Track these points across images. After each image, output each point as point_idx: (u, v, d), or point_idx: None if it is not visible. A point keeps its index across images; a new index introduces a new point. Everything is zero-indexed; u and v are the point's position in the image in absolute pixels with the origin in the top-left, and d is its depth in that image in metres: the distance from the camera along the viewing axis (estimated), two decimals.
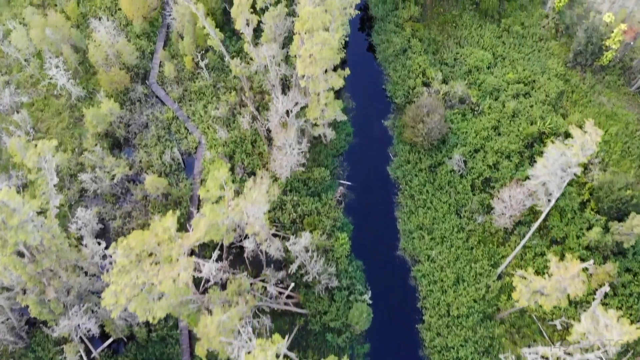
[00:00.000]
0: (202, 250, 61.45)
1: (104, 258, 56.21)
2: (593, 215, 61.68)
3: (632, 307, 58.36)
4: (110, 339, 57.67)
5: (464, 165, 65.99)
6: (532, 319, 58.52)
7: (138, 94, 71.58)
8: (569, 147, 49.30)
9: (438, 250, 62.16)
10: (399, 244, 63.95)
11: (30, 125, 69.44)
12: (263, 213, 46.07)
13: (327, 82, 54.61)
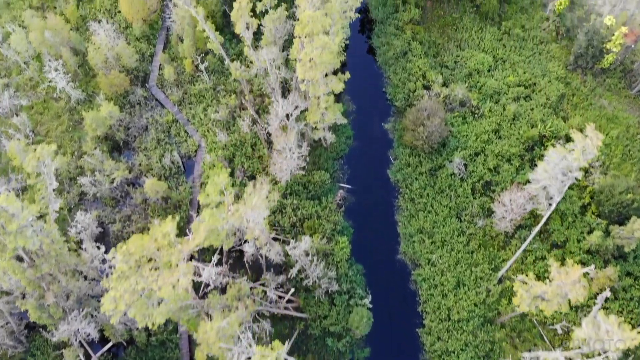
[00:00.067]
0: (201, 254, 61.30)
1: (104, 262, 56.10)
2: (594, 219, 61.52)
3: (632, 311, 58.20)
4: (110, 343, 57.52)
5: (465, 169, 65.84)
6: (532, 323, 58.37)
7: (138, 97, 71.43)
8: (570, 151, 49.17)
9: (438, 254, 61.99)
10: (399, 248, 63.79)
11: (30, 129, 69.30)
12: (263, 218, 45.88)
13: (327, 86, 54.49)
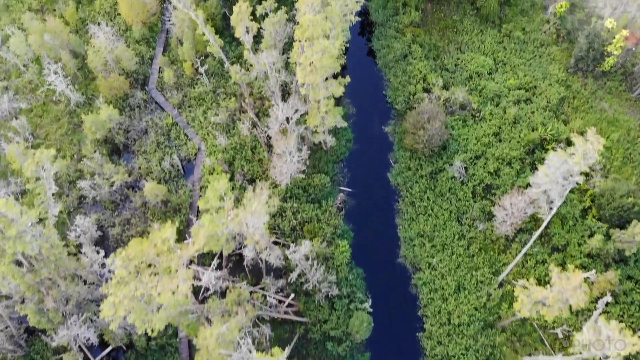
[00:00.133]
0: (201, 258, 61.12)
1: (103, 267, 55.93)
2: (594, 223, 61.38)
3: (633, 315, 58.09)
4: (109, 348, 57.40)
5: (465, 172, 65.68)
6: (533, 327, 58.23)
7: (137, 100, 71.24)
8: (571, 155, 49.03)
9: (439, 258, 61.85)
10: (400, 251, 63.63)
11: (29, 132, 69.11)
12: (263, 223, 45.72)
13: (327, 89, 54.30)
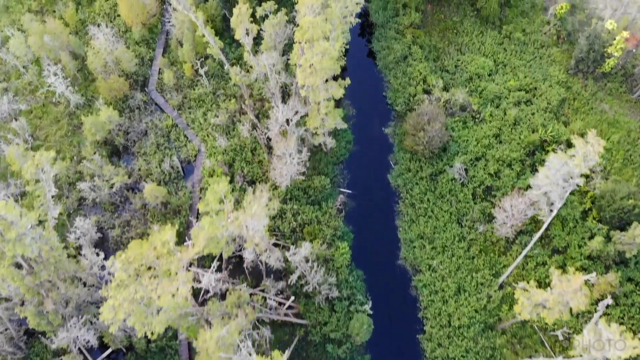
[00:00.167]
0: (201, 260, 61.01)
1: (103, 269, 55.87)
2: (595, 225, 61.32)
3: (634, 317, 58.02)
4: (109, 350, 57.35)
5: (465, 174, 65.60)
6: (533, 329, 58.16)
7: (137, 102, 71.16)
8: (571, 157, 48.98)
9: (439, 260, 61.77)
10: (400, 253, 63.55)
11: (29, 133, 69.03)
12: (263, 226, 45.64)
13: (327, 91, 54.22)
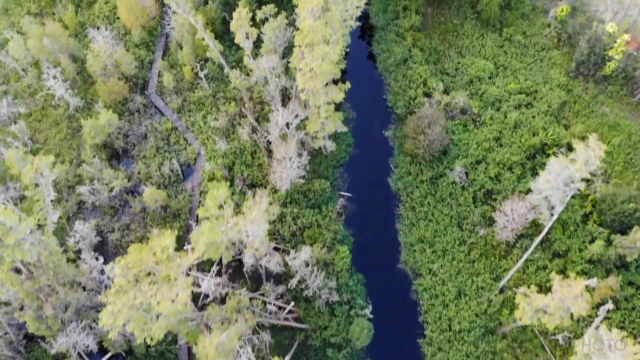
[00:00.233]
0: (200, 264, 60.85)
1: (102, 273, 55.72)
2: (596, 228, 61.14)
3: (634, 321, 57.83)
4: (109, 354, 57.21)
5: (466, 177, 65.42)
6: (534, 334, 58.00)
7: (137, 105, 70.97)
8: (572, 161, 48.77)
9: (439, 264, 61.61)
10: (400, 257, 63.40)
11: (28, 136, 68.86)
12: (263, 231, 45.47)
13: (327, 95, 54.08)
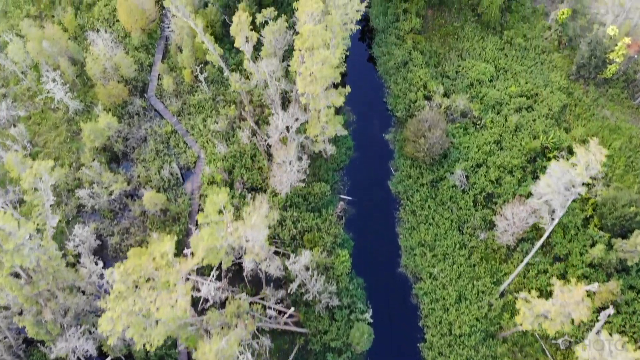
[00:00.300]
0: (200, 268, 60.60)
1: (102, 277, 55.57)
2: (596, 232, 60.98)
3: (635, 325, 57.66)
4: (108, 359, 56.93)
5: (466, 181, 65.26)
6: (535, 338, 57.85)
7: (136, 108, 70.80)
8: (573, 166, 48.64)
9: (440, 268, 61.45)
10: (401, 261, 63.22)
11: (27, 140, 68.71)
12: (263, 237, 45.30)
13: (327, 99, 53.90)
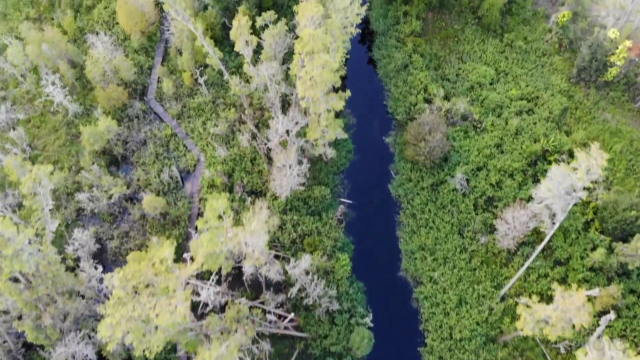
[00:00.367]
0: (200, 272, 60.45)
1: (101, 282, 55.39)
2: (597, 236, 60.83)
3: (636, 329, 57.51)
4: None
5: (467, 184, 65.10)
6: (535, 342, 57.69)
7: (136, 111, 70.61)
8: (574, 170, 48.47)
9: (440, 272, 61.28)
10: (401, 265, 63.06)
11: (27, 143, 68.53)
12: (263, 243, 45.14)
13: (327, 103, 53.75)
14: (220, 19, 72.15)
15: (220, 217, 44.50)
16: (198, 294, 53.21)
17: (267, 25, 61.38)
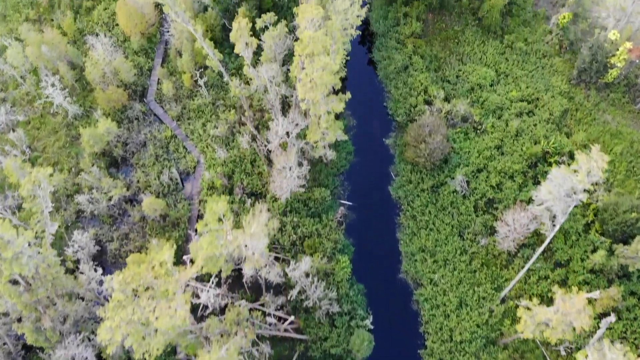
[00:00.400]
0: (200, 274, 60.37)
1: (101, 284, 55.34)
2: (597, 238, 60.76)
3: (636, 331, 57.45)
4: None
5: (467, 186, 65.02)
6: (535, 344, 57.62)
7: (136, 112, 70.55)
8: (575, 172, 48.42)
9: (440, 274, 61.21)
10: (401, 267, 62.99)
11: (26, 144, 68.47)
12: (263, 245, 45.07)
13: (327, 105, 53.69)
14: (220, 21, 72.07)
15: (220, 220, 44.43)
16: (198, 297, 53.26)
17: (267, 27, 61.32)
